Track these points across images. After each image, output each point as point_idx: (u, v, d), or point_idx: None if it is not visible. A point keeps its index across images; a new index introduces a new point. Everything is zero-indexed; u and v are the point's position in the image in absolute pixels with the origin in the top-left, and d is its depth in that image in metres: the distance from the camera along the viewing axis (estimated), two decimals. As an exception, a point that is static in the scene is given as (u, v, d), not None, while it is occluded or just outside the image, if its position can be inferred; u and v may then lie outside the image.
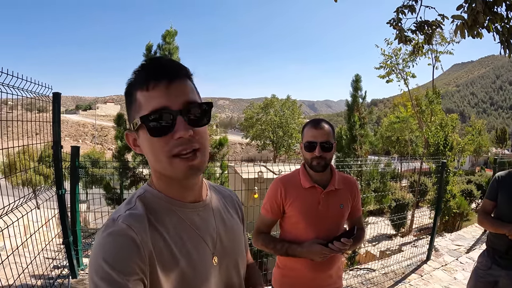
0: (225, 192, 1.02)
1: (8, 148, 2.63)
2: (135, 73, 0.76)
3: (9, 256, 2.45)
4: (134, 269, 0.67)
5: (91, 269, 0.68)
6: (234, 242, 0.93)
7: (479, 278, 2.28)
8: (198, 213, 0.84)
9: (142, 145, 0.77)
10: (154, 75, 0.72)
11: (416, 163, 11.17)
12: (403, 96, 17.29)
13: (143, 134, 0.74)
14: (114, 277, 0.64)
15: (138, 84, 0.74)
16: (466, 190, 11.09)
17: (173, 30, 5.75)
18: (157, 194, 0.80)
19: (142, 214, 0.75)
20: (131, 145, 0.81)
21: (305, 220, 1.69)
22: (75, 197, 3.73)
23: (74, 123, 59.27)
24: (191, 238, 0.80)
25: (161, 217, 0.77)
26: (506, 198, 2.14)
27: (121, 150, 6.06)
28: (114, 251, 0.67)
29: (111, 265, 0.65)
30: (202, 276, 0.80)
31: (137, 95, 0.74)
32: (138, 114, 0.74)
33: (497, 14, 2.98)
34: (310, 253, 1.61)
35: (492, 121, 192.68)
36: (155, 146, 0.73)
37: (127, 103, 0.79)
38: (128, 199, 0.81)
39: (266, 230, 1.83)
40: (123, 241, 0.69)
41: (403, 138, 26.37)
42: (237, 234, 0.96)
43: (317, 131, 1.66)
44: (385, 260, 5.00)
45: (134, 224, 0.71)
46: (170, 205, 0.80)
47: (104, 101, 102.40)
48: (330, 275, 1.77)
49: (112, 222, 0.72)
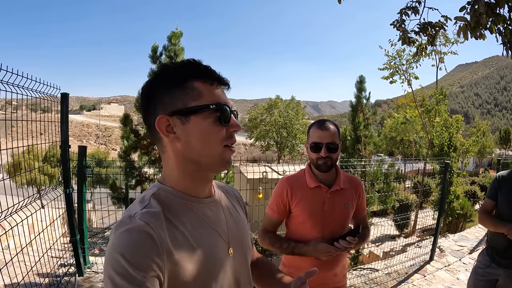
0: (227, 188, 1.07)
1: (13, 148, 2.65)
2: (192, 65, 0.82)
3: (16, 255, 2.48)
4: (151, 265, 0.69)
5: (107, 264, 0.69)
6: (243, 235, 0.98)
7: (479, 276, 2.30)
8: (210, 208, 0.88)
9: (186, 132, 0.79)
10: (217, 76, 0.82)
11: (420, 164, 11.14)
12: (407, 97, 17.27)
13: (199, 120, 0.79)
14: (131, 272, 0.66)
15: (200, 76, 0.80)
16: (469, 191, 11.08)
17: (179, 31, 5.80)
18: (170, 190, 0.83)
19: (159, 211, 0.77)
20: (163, 131, 0.79)
21: (311, 219, 1.72)
22: (82, 196, 3.78)
23: (78, 123, 59.51)
24: (207, 232, 0.84)
25: (177, 214, 0.80)
26: (506, 198, 2.16)
27: (127, 150, 6.10)
28: (131, 247, 0.69)
29: (129, 261, 0.66)
30: (220, 267, 0.84)
31: (195, 84, 0.80)
32: (196, 101, 0.79)
33: (499, 15, 2.99)
34: (316, 252, 1.63)
35: (497, 122, 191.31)
36: (213, 134, 0.80)
37: (172, 88, 0.80)
38: (141, 197, 0.82)
39: (272, 229, 1.85)
40: (141, 237, 0.70)
41: (407, 139, 26.31)
42: (245, 227, 1.01)
43: (323, 132, 1.68)
44: (388, 260, 5.02)
45: (151, 221, 0.73)
46: (185, 201, 0.83)
47: (108, 102, 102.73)
48: (335, 273, 1.79)
49: (128, 218, 0.73)
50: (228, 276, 0.86)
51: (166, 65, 0.84)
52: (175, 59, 5.60)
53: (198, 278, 0.77)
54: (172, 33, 5.70)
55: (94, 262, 4.12)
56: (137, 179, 5.92)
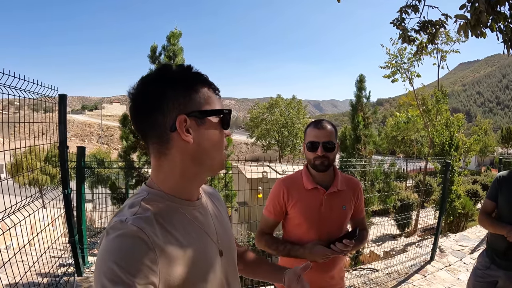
0: (210, 190, 1.06)
1: (16, 148, 2.67)
2: (199, 74, 0.85)
3: (16, 255, 2.48)
4: (145, 271, 0.67)
5: (98, 272, 0.66)
6: (229, 236, 1.00)
7: (478, 278, 2.28)
8: (199, 211, 0.88)
9: (201, 135, 0.82)
10: (217, 88, 0.88)
11: (421, 163, 11.11)
12: (409, 95, 17.20)
13: (213, 124, 0.84)
14: (124, 279, 0.64)
15: (207, 84, 0.85)
16: (471, 190, 11.05)
17: (178, 31, 5.77)
18: (160, 194, 0.81)
19: (150, 216, 0.75)
20: (183, 130, 0.79)
21: (307, 221, 1.70)
22: (81, 196, 3.78)
23: (80, 123, 59.71)
24: (198, 235, 0.84)
25: (168, 218, 0.79)
26: (506, 199, 2.13)
27: (126, 150, 6.09)
28: (124, 253, 0.67)
29: (122, 267, 0.64)
30: (213, 269, 0.85)
31: (203, 90, 0.83)
32: (209, 105, 0.83)
33: (500, 13, 2.97)
34: (312, 255, 1.61)
35: (499, 120, 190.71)
36: (220, 137, 0.86)
37: (185, 88, 0.81)
38: (130, 202, 0.80)
39: (269, 231, 1.84)
40: (134, 243, 0.68)
41: (408, 138, 26.22)
42: (228, 227, 1.03)
43: (319, 131, 1.67)
44: (388, 260, 5.00)
45: (144, 226, 0.71)
46: (176, 205, 0.82)
47: (110, 101, 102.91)
48: (333, 276, 1.77)
49: (120, 224, 0.71)
50: (219, 277, 0.87)
51: (170, 65, 0.84)
52: (174, 59, 5.59)
53: (191, 281, 0.77)
54: (171, 33, 5.68)
55: (93, 262, 4.12)
56: (137, 179, 5.92)
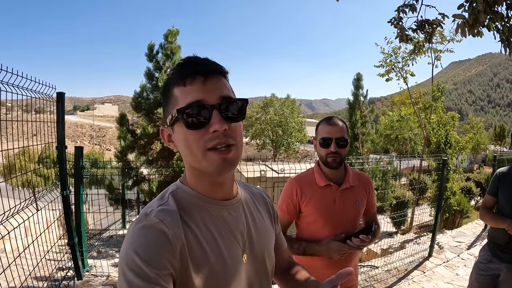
0: (255, 191, 1.02)
1: (8, 149, 2.59)
2: (173, 71, 0.79)
3: (14, 260, 2.42)
4: (165, 263, 0.68)
5: (121, 261, 0.69)
6: (264, 241, 0.93)
7: (480, 272, 2.32)
8: (228, 211, 0.85)
9: (177, 140, 0.79)
10: (191, 71, 0.75)
11: (415, 161, 11.19)
12: (402, 94, 17.30)
13: (179, 128, 0.76)
14: (144, 270, 0.65)
15: (175, 81, 0.77)
16: (465, 188, 11.16)
17: (175, 29, 5.76)
18: (188, 190, 0.82)
19: (175, 209, 0.76)
20: (166, 141, 0.82)
21: (322, 218, 1.70)
22: (80, 198, 3.72)
23: (71, 124, 59.01)
24: (222, 235, 0.81)
25: (192, 213, 0.79)
26: (506, 194, 2.18)
27: (123, 150, 6.05)
28: (145, 244, 0.68)
29: (142, 258, 0.66)
30: (232, 273, 0.81)
31: (174, 91, 0.77)
32: (174, 108, 0.75)
33: (497, 13, 3.01)
34: (329, 251, 1.61)
35: (490, 118, 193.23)
36: (190, 140, 0.74)
37: (164, 100, 0.81)
38: (160, 195, 0.82)
39: (283, 230, 1.83)
40: (155, 234, 0.70)
41: (402, 136, 26.41)
42: (267, 233, 0.96)
43: (332, 128, 1.68)
44: (387, 257, 5.03)
45: (166, 219, 0.72)
46: (201, 202, 0.81)
47: (102, 102, 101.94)
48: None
49: (144, 216, 0.73)
50: (242, 284, 0.83)
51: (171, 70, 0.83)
52: (171, 57, 5.58)
53: (208, 280, 0.76)
54: (168, 31, 5.65)
55: (92, 265, 4.07)
56: (134, 180, 5.88)
